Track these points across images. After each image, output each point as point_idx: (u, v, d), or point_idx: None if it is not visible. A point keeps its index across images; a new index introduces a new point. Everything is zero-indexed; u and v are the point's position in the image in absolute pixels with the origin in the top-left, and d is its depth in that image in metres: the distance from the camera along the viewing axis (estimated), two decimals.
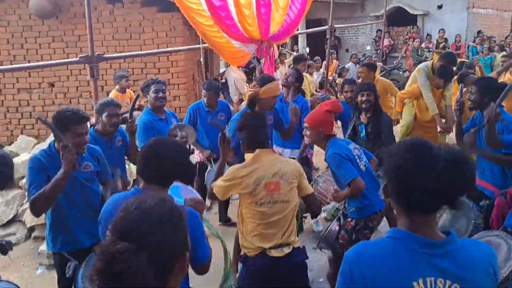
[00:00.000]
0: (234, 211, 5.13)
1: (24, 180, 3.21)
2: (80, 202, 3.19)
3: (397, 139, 4.96)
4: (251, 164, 3.02)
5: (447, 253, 1.45)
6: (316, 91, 10.56)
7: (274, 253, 2.94)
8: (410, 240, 1.46)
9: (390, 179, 1.52)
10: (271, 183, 2.95)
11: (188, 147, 4.37)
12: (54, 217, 3.19)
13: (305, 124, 3.72)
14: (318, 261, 4.50)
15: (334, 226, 3.80)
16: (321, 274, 4.45)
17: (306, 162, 5.39)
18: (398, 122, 6.43)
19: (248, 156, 3.11)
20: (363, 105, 4.65)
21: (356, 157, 3.63)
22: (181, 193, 2.76)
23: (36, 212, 3.03)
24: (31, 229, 5.51)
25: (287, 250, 2.97)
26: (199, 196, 2.77)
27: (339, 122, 5.63)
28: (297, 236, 3.14)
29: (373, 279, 1.43)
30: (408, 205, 1.50)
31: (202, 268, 2.25)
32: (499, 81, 5.29)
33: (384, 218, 4.35)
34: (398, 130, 6.07)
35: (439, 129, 5.96)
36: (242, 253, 3.13)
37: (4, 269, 4.53)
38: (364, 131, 4.74)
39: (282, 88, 5.62)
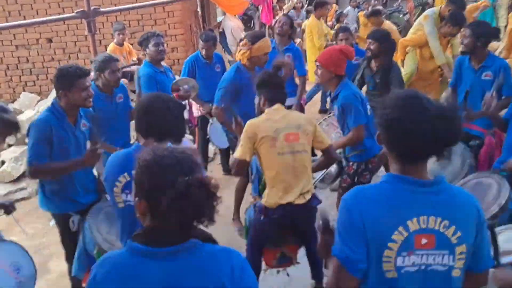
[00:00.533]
0: None
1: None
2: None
3: None
4: (268, 115, 3.14)
5: (438, 192, 1.55)
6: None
7: (297, 200, 3.08)
8: (403, 182, 1.55)
9: (383, 129, 1.60)
10: (290, 134, 3.06)
11: (187, 102, 4.42)
12: (58, 181, 3.21)
13: (317, 63, 3.76)
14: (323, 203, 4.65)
15: (332, 168, 3.92)
16: (329, 209, 4.62)
17: (300, 109, 5.48)
18: None
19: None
20: (367, 53, 4.66)
21: (365, 100, 3.75)
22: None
23: (34, 177, 3.17)
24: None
25: (308, 196, 3.12)
26: (192, 145, 2.80)
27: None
28: None
29: (370, 219, 1.51)
30: (399, 154, 1.58)
31: None
32: None
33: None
34: None
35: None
36: (257, 202, 3.24)
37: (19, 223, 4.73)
38: (372, 82, 4.71)
39: (276, 36, 5.60)
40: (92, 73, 4.01)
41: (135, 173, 1.43)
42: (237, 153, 3.12)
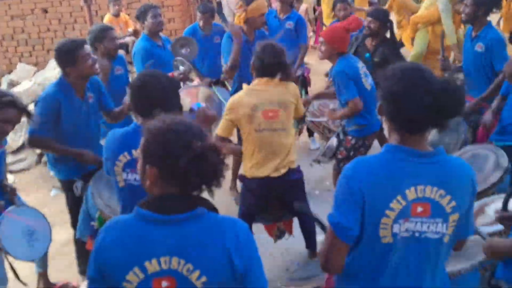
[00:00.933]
0: (234, 132, 5.30)
1: (29, 107, 3.32)
2: (85, 133, 3.29)
3: None
4: (249, 89, 3.17)
5: (437, 162, 1.59)
6: (314, 8, 10.29)
7: (272, 174, 3.16)
8: (402, 152, 1.58)
9: (386, 100, 1.62)
10: (268, 111, 3.08)
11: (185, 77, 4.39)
12: None
13: (321, 39, 3.79)
14: (314, 175, 4.74)
15: (333, 141, 3.97)
16: (316, 187, 4.73)
17: (303, 82, 5.47)
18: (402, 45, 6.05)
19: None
20: (365, 31, 4.60)
21: (362, 75, 3.73)
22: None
23: (32, 146, 3.27)
24: (41, 155, 5.74)
25: (283, 170, 3.18)
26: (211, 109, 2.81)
27: None
28: None
29: (369, 187, 1.55)
30: (401, 125, 1.60)
31: None
32: None
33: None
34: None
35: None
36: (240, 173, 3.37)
37: (19, 193, 4.80)
38: (370, 61, 4.60)
39: (277, 4, 5.53)
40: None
41: (144, 142, 1.46)
42: (218, 129, 3.18)
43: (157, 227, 1.40)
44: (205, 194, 1.49)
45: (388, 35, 4.68)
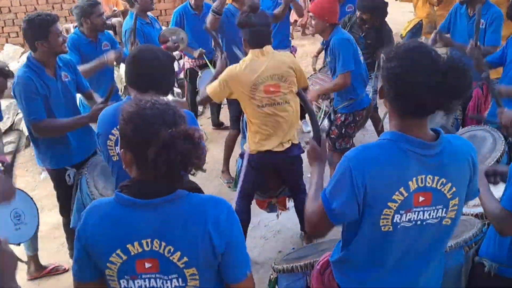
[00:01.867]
0: (226, 115, 5.27)
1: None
2: (61, 113, 3.13)
3: None
4: (247, 61, 3.05)
5: (438, 153, 1.54)
6: None
7: (275, 148, 3.15)
8: (405, 142, 1.53)
9: (390, 83, 1.54)
10: (270, 86, 3.02)
11: (178, 53, 4.37)
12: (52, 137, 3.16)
13: (310, 14, 3.74)
14: (305, 158, 4.72)
15: (325, 123, 3.97)
16: (309, 170, 4.71)
17: None
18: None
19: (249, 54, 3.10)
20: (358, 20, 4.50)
21: (357, 48, 3.75)
22: None
23: (41, 135, 3.08)
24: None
25: (286, 145, 3.17)
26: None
27: None
28: None
29: (372, 180, 1.52)
30: (405, 109, 1.54)
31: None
32: None
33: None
34: None
35: None
36: (243, 151, 3.32)
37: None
38: (363, 43, 4.53)
39: None
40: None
41: (119, 125, 1.44)
42: (210, 89, 3.08)
43: (137, 210, 1.40)
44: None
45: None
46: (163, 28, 5.17)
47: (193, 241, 1.39)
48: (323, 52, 4.77)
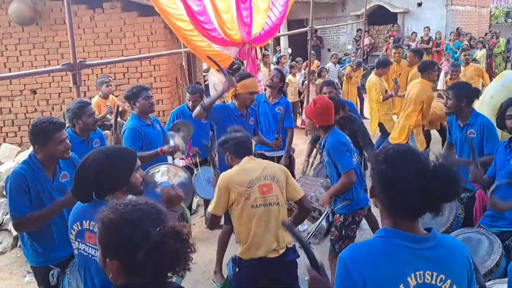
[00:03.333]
0: None
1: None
2: (61, 213, 3.14)
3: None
4: (240, 167, 3.14)
5: (433, 246, 1.55)
6: (299, 92, 10.67)
7: (270, 254, 3.03)
8: (398, 237, 1.54)
9: (378, 185, 1.59)
10: (263, 185, 3.05)
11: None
12: (36, 232, 3.12)
13: (305, 113, 3.84)
14: (304, 259, 4.56)
15: (323, 223, 3.91)
16: (306, 272, 4.52)
17: (289, 161, 5.50)
18: None
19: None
20: None
21: (352, 149, 3.78)
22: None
23: (19, 230, 3.10)
24: (17, 237, 5.49)
25: (281, 250, 3.07)
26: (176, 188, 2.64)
27: None
28: None
29: (371, 279, 1.49)
30: (395, 212, 1.57)
31: None
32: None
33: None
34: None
35: None
36: (235, 255, 3.19)
37: None
38: None
39: (266, 89, 5.71)
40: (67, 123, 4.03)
41: (99, 234, 1.38)
42: (211, 207, 3.11)
43: None
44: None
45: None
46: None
47: None
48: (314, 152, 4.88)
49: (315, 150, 5.63)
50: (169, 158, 5.34)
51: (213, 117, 4.35)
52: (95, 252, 2.11)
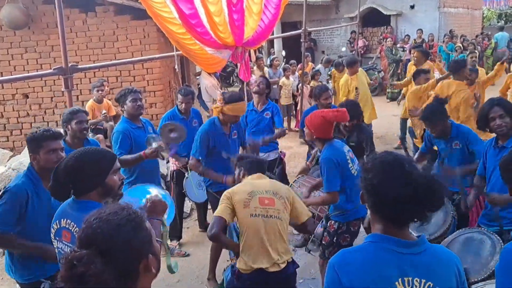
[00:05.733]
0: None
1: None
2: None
3: None
4: (247, 180, 3.24)
5: (421, 253, 1.56)
6: (293, 94, 10.66)
7: (270, 268, 2.99)
8: (387, 242, 1.56)
9: (367, 193, 1.63)
10: (265, 198, 3.06)
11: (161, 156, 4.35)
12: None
13: (305, 122, 3.83)
14: (298, 261, 4.54)
15: (319, 229, 3.88)
16: (300, 275, 4.51)
17: (279, 164, 5.51)
18: None
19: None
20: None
21: (349, 160, 3.70)
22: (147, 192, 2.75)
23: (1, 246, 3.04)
24: None
25: (283, 265, 3.03)
26: (160, 196, 2.62)
27: None
28: None
29: (360, 284, 1.50)
30: (383, 217, 1.60)
31: None
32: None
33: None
34: None
35: None
36: (234, 267, 3.14)
37: None
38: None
39: (253, 95, 5.74)
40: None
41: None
42: (215, 212, 3.10)
43: None
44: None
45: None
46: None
47: None
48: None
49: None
50: (161, 161, 5.31)
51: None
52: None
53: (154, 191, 2.91)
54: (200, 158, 4.44)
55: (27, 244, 2.96)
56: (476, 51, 10.58)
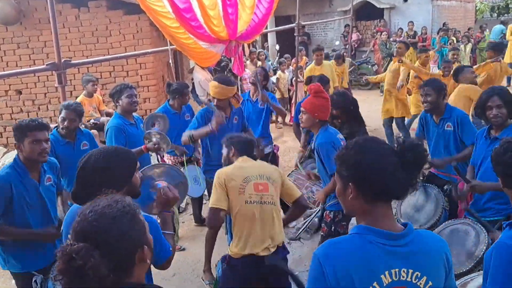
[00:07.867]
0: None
1: None
2: (40, 216, 3.13)
3: None
4: (238, 163, 3.20)
5: (408, 243, 1.54)
6: (288, 88, 10.68)
7: (261, 253, 3.03)
8: (373, 234, 1.54)
9: (352, 168, 1.61)
10: (259, 184, 3.07)
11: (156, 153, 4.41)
12: (18, 242, 3.09)
13: (302, 108, 3.82)
14: (292, 254, 4.59)
15: (315, 219, 3.92)
16: (295, 268, 4.55)
17: (273, 158, 5.53)
18: None
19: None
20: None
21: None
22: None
23: None
24: None
25: (273, 249, 3.07)
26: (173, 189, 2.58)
27: None
28: None
29: (344, 276, 1.48)
30: (369, 194, 1.58)
31: (163, 265, 2.29)
32: None
33: None
34: None
35: None
36: (225, 255, 3.19)
37: None
38: None
39: (250, 87, 5.75)
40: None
41: (73, 223, 1.44)
42: (211, 201, 3.09)
43: None
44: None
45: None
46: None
47: None
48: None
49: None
50: (156, 156, 5.32)
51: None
52: None
53: (163, 183, 2.90)
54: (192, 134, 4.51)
55: (16, 231, 2.99)
56: (458, 48, 10.66)
